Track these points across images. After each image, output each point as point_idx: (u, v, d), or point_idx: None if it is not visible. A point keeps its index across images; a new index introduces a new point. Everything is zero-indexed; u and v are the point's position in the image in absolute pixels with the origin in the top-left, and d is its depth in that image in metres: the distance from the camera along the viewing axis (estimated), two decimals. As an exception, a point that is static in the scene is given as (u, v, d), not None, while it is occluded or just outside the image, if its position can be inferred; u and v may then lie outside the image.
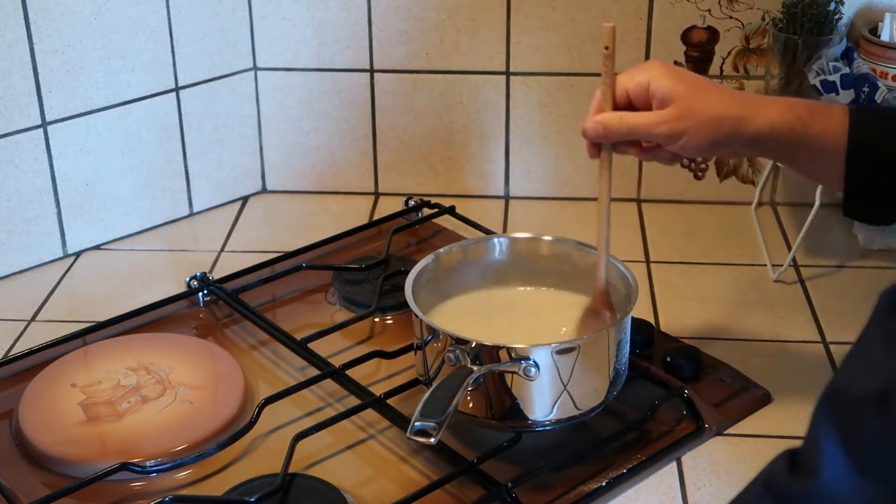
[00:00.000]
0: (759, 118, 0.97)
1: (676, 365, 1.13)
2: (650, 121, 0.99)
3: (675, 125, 0.98)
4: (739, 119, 0.97)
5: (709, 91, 0.99)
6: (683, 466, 1.04)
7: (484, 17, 1.46)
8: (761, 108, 0.98)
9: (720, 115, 0.98)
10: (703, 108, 0.98)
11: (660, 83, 0.99)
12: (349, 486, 1.01)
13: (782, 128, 0.97)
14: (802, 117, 0.97)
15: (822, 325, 1.24)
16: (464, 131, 1.52)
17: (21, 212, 1.35)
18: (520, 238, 1.15)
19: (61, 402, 1.10)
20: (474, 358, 0.97)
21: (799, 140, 0.97)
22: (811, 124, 0.97)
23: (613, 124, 1.00)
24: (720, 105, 0.98)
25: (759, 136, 0.97)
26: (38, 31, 1.30)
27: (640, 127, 0.99)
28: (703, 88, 1.00)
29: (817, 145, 0.97)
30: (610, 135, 1.00)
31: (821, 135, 0.97)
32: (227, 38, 1.47)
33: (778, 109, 0.98)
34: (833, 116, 0.97)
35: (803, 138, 0.97)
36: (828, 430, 0.63)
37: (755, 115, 0.98)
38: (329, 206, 1.54)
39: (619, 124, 1.00)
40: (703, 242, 1.42)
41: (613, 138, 1.01)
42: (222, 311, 1.27)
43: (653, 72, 1.00)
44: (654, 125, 0.99)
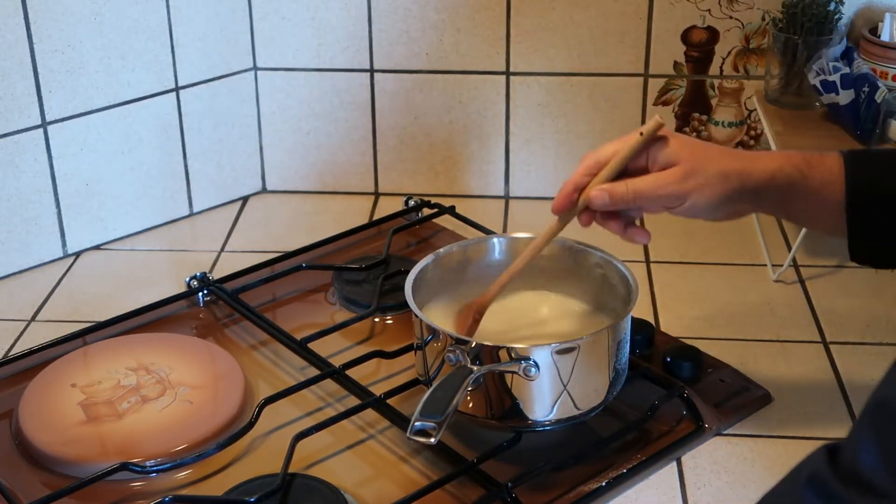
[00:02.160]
0: (759, 170, 0.98)
1: (676, 365, 1.13)
2: (656, 183, 0.98)
3: (682, 185, 0.97)
4: (742, 173, 0.97)
5: (710, 150, 1.00)
6: (683, 466, 1.04)
7: (484, 17, 1.46)
8: (760, 160, 0.99)
9: (725, 172, 0.97)
10: (707, 166, 0.97)
11: (661, 145, 0.99)
12: (349, 486, 1.01)
13: (782, 177, 0.98)
14: (800, 168, 0.98)
15: (822, 325, 1.24)
16: (464, 131, 1.52)
17: (21, 212, 1.35)
18: (520, 238, 1.15)
19: (61, 402, 1.10)
20: (474, 358, 0.97)
21: (799, 191, 0.98)
22: (809, 175, 0.98)
23: (620, 191, 0.98)
24: (723, 162, 0.98)
25: (761, 187, 0.97)
26: (38, 31, 1.30)
27: (646, 191, 0.98)
28: (705, 148, 1.00)
29: (817, 195, 0.98)
30: (616, 202, 0.98)
31: (819, 187, 0.98)
32: (227, 38, 1.47)
33: (777, 160, 0.99)
34: (828, 165, 0.98)
35: (802, 190, 0.98)
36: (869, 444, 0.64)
37: (756, 168, 0.98)
38: (329, 206, 1.54)
39: (626, 191, 0.98)
40: (703, 242, 1.42)
41: (618, 206, 0.99)
42: (222, 311, 1.27)
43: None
44: (661, 187, 0.98)
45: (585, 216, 1.01)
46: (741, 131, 1.50)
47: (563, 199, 1.01)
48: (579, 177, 1.01)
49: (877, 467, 0.63)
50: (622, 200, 0.98)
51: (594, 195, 0.99)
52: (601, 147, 1.01)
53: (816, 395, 1.13)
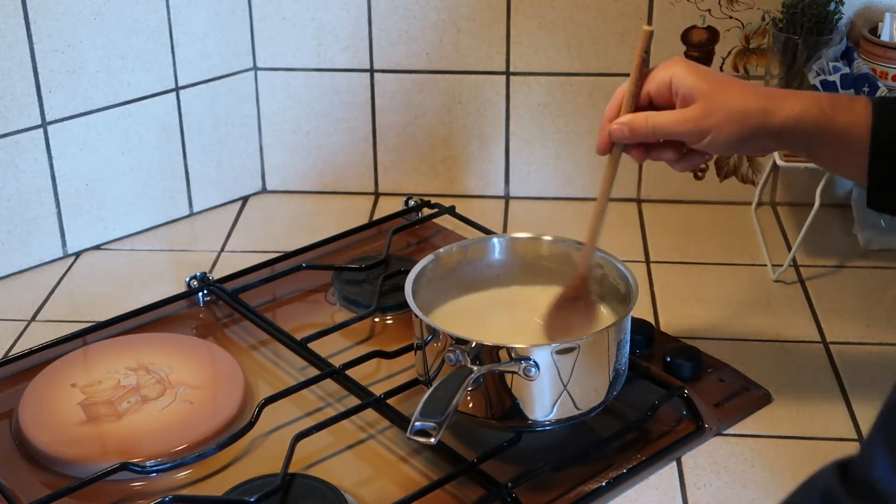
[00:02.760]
0: (783, 110, 0.97)
1: (676, 365, 1.13)
2: (675, 119, 0.98)
3: (701, 122, 0.97)
4: (764, 112, 0.97)
5: (732, 86, 0.99)
6: (683, 466, 1.04)
7: (484, 17, 1.46)
8: (785, 100, 0.98)
9: (745, 109, 0.97)
10: (728, 103, 0.97)
11: (682, 81, 0.98)
12: (349, 486, 1.01)
13: (807, 119, 0.97)
14: (826, 110, 0.97)
15: (822, 325, 1.24)
16: (464, 131, 1.52)
17: (21, 212, 1.35)
18: (520, 238, 1.15)
19: (61, 402, 1.10)
20: (474, 358, 0.97)
21: (823, 133, 0.97)
22: (835, 117, 0.97)
23: (639, 125, 0.99)
24: (744, 99, 0.98)
25: (784, 128, 0.97)
26: (38, 31, 1.30)
27: (665, 126, 0.98)
28: (727, 84, 0.99)
29: (842, 138, 0.97)
30: (636, 135, 0.99)
31: (845, 128, 0.96)
32: (227, 38, 1.47)
33: (802, 101, 0.98)
34: (856, 109, 0.97)
35: (827, 131, 0.97)
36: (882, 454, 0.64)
37: (779, 108, 0.97)
38: (329, 206, 1.54)
39: (645, 125, 0.99)
40: (703, 242, 1.42)
41: (639, 139, 1.00)
42: (222, 311, 1.27)
43: (674, 69, 0.99)
44: (680, 123, 0.98)
45: (635, 151, 1.02)
46: (741, 131, 1.50)
47: (602, 139, 1.02)
48: (610, 113, 1.01)
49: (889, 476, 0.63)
50: (642, 133, 0.99)
51: (614, 129, 1.00)
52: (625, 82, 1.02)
53: (816, 395, 1.13)
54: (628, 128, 0.99)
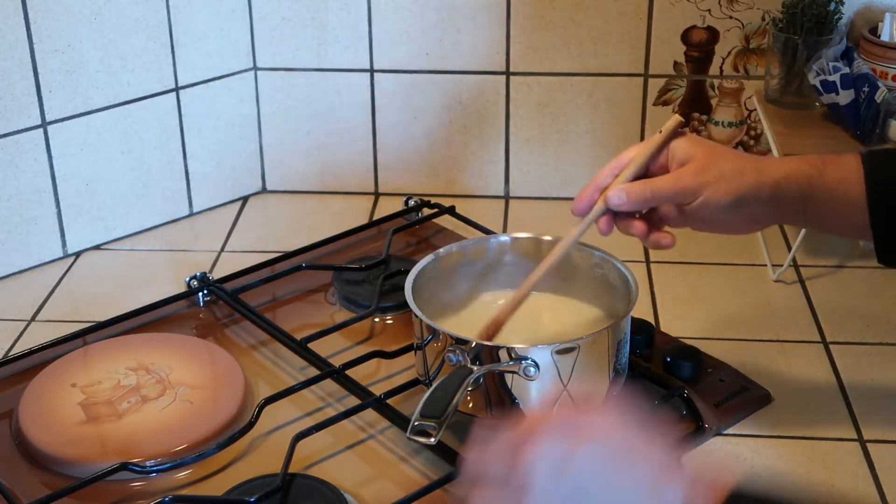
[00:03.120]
0: (775, 169, 0.98)
1: (676, 365, 1.13)
2: (672, 179, 0.98)
3: (697, 178, 0.97)
4: (758, 170, 0.98)
5: (726, 151, 1.01)
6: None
7: (484, 17, 1.46)
8: (775, 161, 1.00)
9: (740, 168, 0.98)
10: (722, 162, 0.98)
11: (679, 145, 0.99)
12: (349, 486, 1.01)
13: (799, 176, 0.97)
14: (817, 166, 0.98)
15: (822, 325, 1.24)
16: (464, 131, 1.52)
17: (21, 212, 1.35)
18: (520, 238, 1.15)
19: (61, 402, 1.10)
20: (474, 358, 0.97)
21: (816, 190, 0.97)
22: (826, 172, 0.97)
23: (637, 190, 0.98)
24: (738, 160, 0.99)
25: (777, 186, 0.97)
26: (38, 31, 1.30)
27: (662, 189, 0.98)
28: (721, 149, 1.01)
29: (835, 195, 0.97)
30: (633, 201, 0.99)
31: (836, 183, 0.97)
32: (227, 38, 1.47)
33: (791, 161, 0.99)
34: (846, 164, 0.98)
35: (820, 187, 0.97)
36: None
37: (771, 167, 0.98)
38: (329, 206, 1.54)
39: (643, 190, 0.98)
40: (703, 242, 1.42)
41: (634, 206, 0.99)
42: (222, 311, 1.27)
43: None
44: (676, 182, 0.98)
45: (604, 222, 1.01)
46: (741, 131, 1.50)
47: (583, 199, 1.01)
48: (602, 177, 1.01)
49: None
50: (639, 198, 0.99)
51: (610, 194, 0.99)
52: (625, 151, 1.02)
53: (816, 395, 1.13)
54: (625, 192, 0.98)
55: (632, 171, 1.00)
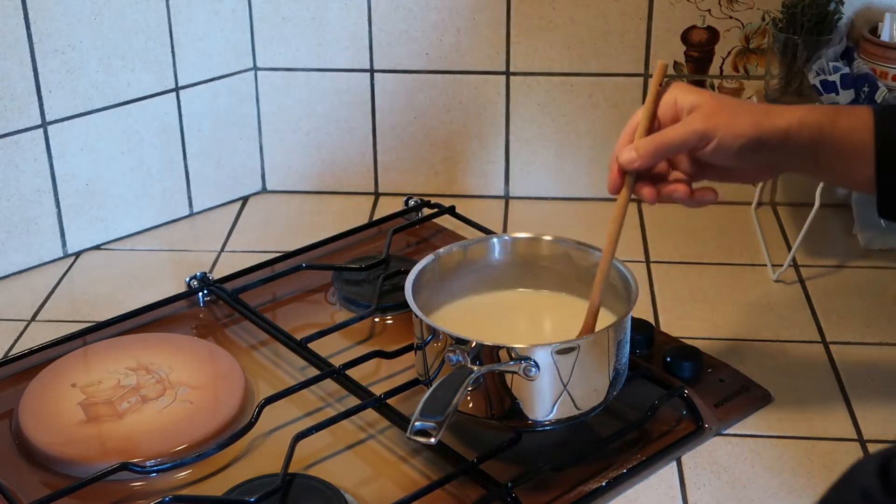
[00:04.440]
0: (786, 114, 0.97)
1: (676, 365, 1.13)
2: (682, 127, 0.97)
3: (708, 122, 0.96)
4: (769, 114, 0.97)
5: (733, 98, 1.00)
6: (683, 466, 1.04)
7: (484, 17, 1.46)
8: (786, 108, 0.98)
9: (750, 109, 0.97)
10: (733, 106, 0.97)
11: (686, 96, 0.98)
12: (349, 486, 1.01)
13: (810, 122, 0.96)
14: (829, 114, 0.97)
15: (822, 325, 1.24)
16: (464, 131, 1.52)
17: (21, 212, 1.35)
18: (520, 238, 1.15)
19: (61, 402, 1.10)
20: (474, 358, 0.97)
21: (827, 137, 0.96)
22: (837, 120, 0.96)
23: (646, 144, 0.98)
24: (748, 104, 0.98)
25: (788, 131, 0.96)
26: (38, 31, 1.30)
27: (673, 138, 0.97)
28: (728, 98, 1.00)
29: (845, 144, 0.96)
30: (644, 156, 0.98)
31: (847, 133, 0.96)
32: (227, 38, 1.47)
33: (805, 108, 0.98)
34: (858, 115, 0.97)
35: (830, 136, 0.96)
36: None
37: (782, 112, 0.97)
38: (329, 206, 1.54)
39: (652, 142, 0.98)
40: (703, 242, 1.42)
41: (648, 160, 0.98)
42: (222, 311, 1.27)
43: (676, 91, 0.99)
44: (687, 127, 0.97)
45: (647, 190, 1.00)
46: (741, 131, 1.50)
47: (613, 176, 1.00)
48: (620, 147, 1.00)
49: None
50: (649, 151, 0.97)
51: (623, 157, 0.98)
52: (632, 117, 1.01)
53: (816, 395, 1.13)
54: (634, 150, 0.98)
55: (641, 131, 0.99)
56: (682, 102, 0.98)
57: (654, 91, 1.00)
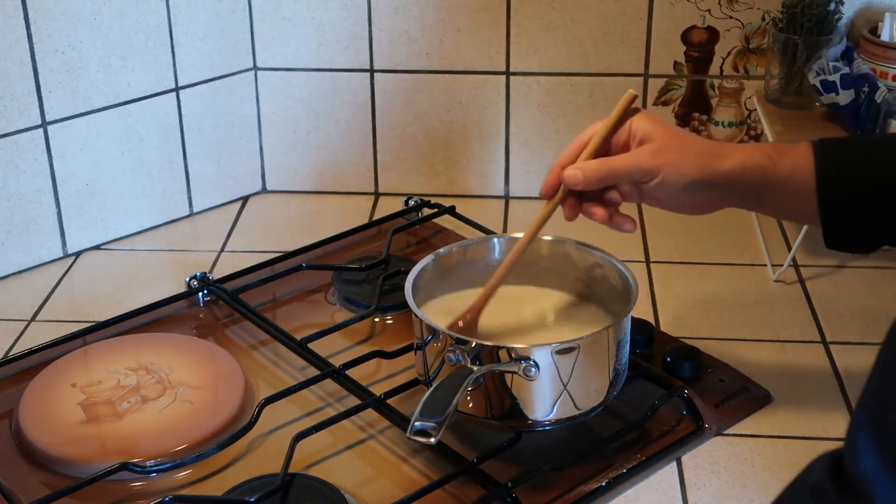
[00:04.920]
0: (731, 157, 0.99)
1: (676, 365, 1.13)
2: (630, 158, 1.00)
3: (655, 158, 0.99)
4: (715, 155, 0.99)
5: (686, 134, 1.03)
6: (683, 466, 1.04)
7: (484, 17, 1.46)
8: (732, 149, 1.01)
9: (698, 150, 1.00)
10: (681, 145, 1.00)
11: (641, 125, 1.01)
12: (349, 486, 1.01)
13: (752, 166, 0.99)
14: (771, 156, 0.99)
15: (822, 325, 1.24)
16: (464, 131, 1.52)
17: (21, 212, 1.35)
18: (520, 238, 1.15)
19: (61, 402, 1.10)
20: (474, 358, 0.97)
21: (770, 180, 0.99)
22: (780, 162, 0.99)
23: (592, 168, 1.00)
24: (698, 144, 1.01)
25: (732, 174, 0.99)
26: (38, 31, 1.30)
27: (619, 166, 1.00)
28: (681, 132, 1.03)
29: (787, 184, 0.99)
30: (588, 179, 1.00)
31: (789, 174, 0.99)
32: (227, 38, 1.47)
33: (747, 150, 1.00)
34: (799, 154, 0.99)
35: (773, 178, 0.99)
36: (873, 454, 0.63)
37: (728, 155, 0.99)
38: (329, 206, 1.54)
39: (599, 168, 1.00)
40: (703, 242, 1.42)
41: (591, 184, 1.01)
42: (222, 311, 1.27)
43: (634, 118, 1.02)
44: (634, 160, 1.00)
45: (569, 206, 1.03)
46: (741, 131, 1.50)
47: (550, 182, 1.03)
48: (565, 158, 1.03)
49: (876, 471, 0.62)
50: (595, 176, 1.00)
51: (567, 173, 1.01)
52: (586, 129, 1.04)
53: (816, 395, 1.13)
54: (581, 171, 1.00)
55: (591, 150, 1.02)
56: (636, 130, 1.01)
57: (616, 115, 1.02)
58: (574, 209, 1.03)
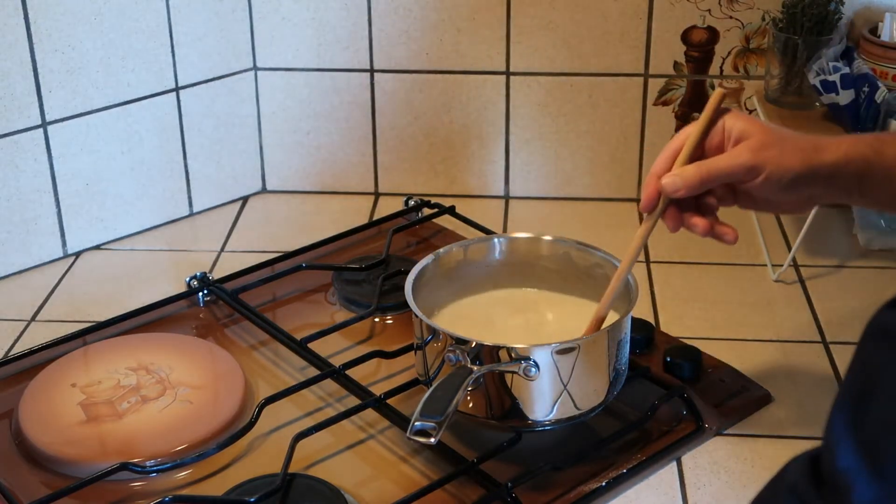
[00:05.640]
0: (833, 148, 0.95)
1: (676, 365, 1.13)
2: (730, 157, 0.95)
3: (757, 156, 0.94)
4: (817, 149, 0.95)
5: (781, 129, 0.98)
6: (683, 466, 1.04)
7: (484, 17, 1.46)
8: (833, 141, 0.96)
9: (800, 146, 0.95)
10: (782, 139, 0.95)
11: (735, 123, 0.96)
12: (349, 486, 1.01)
13: (855, 156, 0.95)
14: (873, 145, 0.96)
15: (822, 325, 1.24)
16: (464, 131, 1.52)
17: (21, 212, 1.35)
18: (520, 238, 1.15)
19: (61, 402, 1.10)
20: (474, 358, 0.97)
21: (873, 168, 0.95)
22: (883, 151, 0.95)
23: (691, 173, 0.95)
24: (796, 137, 0.96)
25: (836, 165, 0.94)
26: (38, 31, 1.30)
27: (719, 167, 0.95)
28: (776, 127, 0.98)
29: (891, 173, 0.95)
30: (689, 184, 0.95)
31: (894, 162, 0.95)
32: (227, 38, 1.47)
33: (849, 140, 0.96)
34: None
35: (877, 166, 0.95)
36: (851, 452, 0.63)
37: (829, 146, 0.95)
38: (329, 206, 1.54)
39: (698, 171, 0.95)
40: (703, 242, 1.41)
41: (692, 189, 0.95)
42: (222, 311, 1.27)
43: (726, 117, 0.97)
44: (735, 159, 0.94)
45: (670, 217, 0.98)
46: (741, 131, 1.50)
47: (649, 194, 0.98)
48: (660, 167, 0.97)
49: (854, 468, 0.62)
50: (695, 180, 0.95)
51: (666, 181, 0.95)
52: (676, 135, 0.99)
53: (816, 395, 1.13)
54: (680, 178, 0.95)
55: (685, 155, 0.96)
56: (730, 129, 0.96)
57: (707, 117, 0.97)
58: (676, 220, 0.98)
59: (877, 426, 0.62)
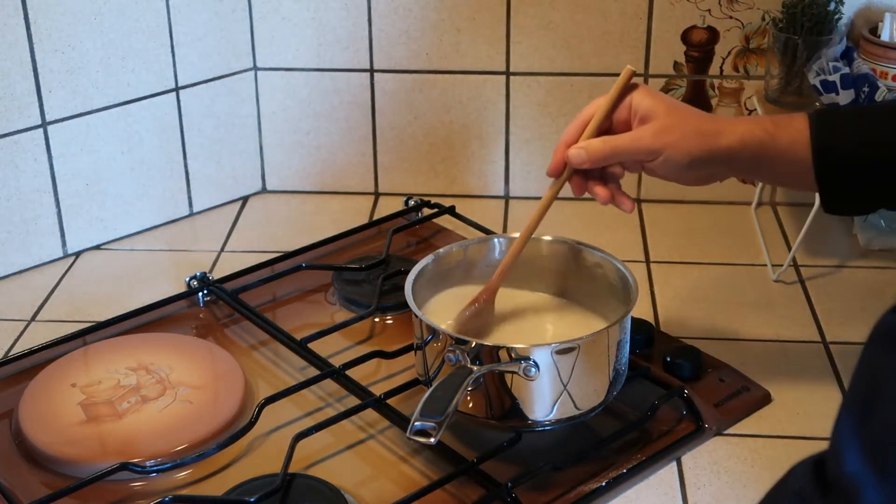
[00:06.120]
0: (730, 133, 1.01)
1: (676, 365, 1.13)
2: (632, 137, 1.02)
3: (657, 138, 1.01)
4: (715, 133, 1.01)
5: (688, 110, 1.04)
6: (683, 466, 1.04)
7: (484, 17, 1.46)
8: (731, 124, 1.03)
9: (701, 130, 1.01)
10: (683, 123, 1.01)
11: (642, 102, 1.02)
12: (349, 486, 1.01)
13: (751, 141, 1.01)
14: (769, 130, 1.02)
15: (822, 325, 1.24)
16: (464, 131, 1.52)
17: (21, 212, 1.35)
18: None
19: (61, 402, 1.10)
20: (474, 358, 0.97)
21: (768, 153, 1.01)
22: (777, 136, 1.01)
23: (596, 148, 1.02)
24: (700, 121, 1.02)
25: (732, 149, 1.01)
26: (38, 31, 1.30)
27: (622, 146, 1.02)
28: (683, 107, 1.04)
29: (786, 157, 1.01)
30: (594, 158, 1.02)
31: (788, 146, 1.01)
32: (227, 38, 1.47)
33: (746, 125, 1.02)
34: (796, 127, 1.01)
35: (772, 150, 1.01)
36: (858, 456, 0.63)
37: (727, 130, 1.01)
38: (329, 206, 1.54)
39: (603, 147, 1.02)
40: (703, 242, 1.42)
41: (596, 162, 1.02)
42: (222, 311, 1.27)
43: (635, 94, 1.03)
44: (637, 140, 1.01)
45: (575, 184, 1.05)
46: (741, 131, 1.50)
47: (556, 161, 1.04)
48: (569, 135, 1.04)
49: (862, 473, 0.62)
50: (599, 155, 1.02)
51: (571, 152, 1.02)
52: (587, 106, 1.05)
53: (816, 395, 1.13)
54: (585, 151, 1.02)
55: (593, 128, 1.03)
56: (637, 107, 1.02)
57: (616, 92, 1.03)
58: (580, 187, 1.05)
59: (884, 430, 0.62)
